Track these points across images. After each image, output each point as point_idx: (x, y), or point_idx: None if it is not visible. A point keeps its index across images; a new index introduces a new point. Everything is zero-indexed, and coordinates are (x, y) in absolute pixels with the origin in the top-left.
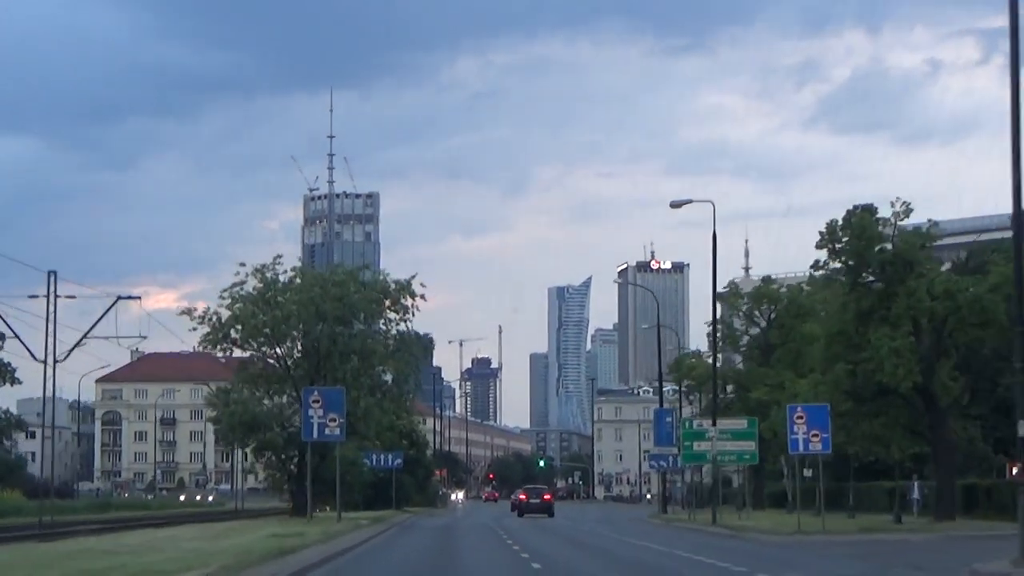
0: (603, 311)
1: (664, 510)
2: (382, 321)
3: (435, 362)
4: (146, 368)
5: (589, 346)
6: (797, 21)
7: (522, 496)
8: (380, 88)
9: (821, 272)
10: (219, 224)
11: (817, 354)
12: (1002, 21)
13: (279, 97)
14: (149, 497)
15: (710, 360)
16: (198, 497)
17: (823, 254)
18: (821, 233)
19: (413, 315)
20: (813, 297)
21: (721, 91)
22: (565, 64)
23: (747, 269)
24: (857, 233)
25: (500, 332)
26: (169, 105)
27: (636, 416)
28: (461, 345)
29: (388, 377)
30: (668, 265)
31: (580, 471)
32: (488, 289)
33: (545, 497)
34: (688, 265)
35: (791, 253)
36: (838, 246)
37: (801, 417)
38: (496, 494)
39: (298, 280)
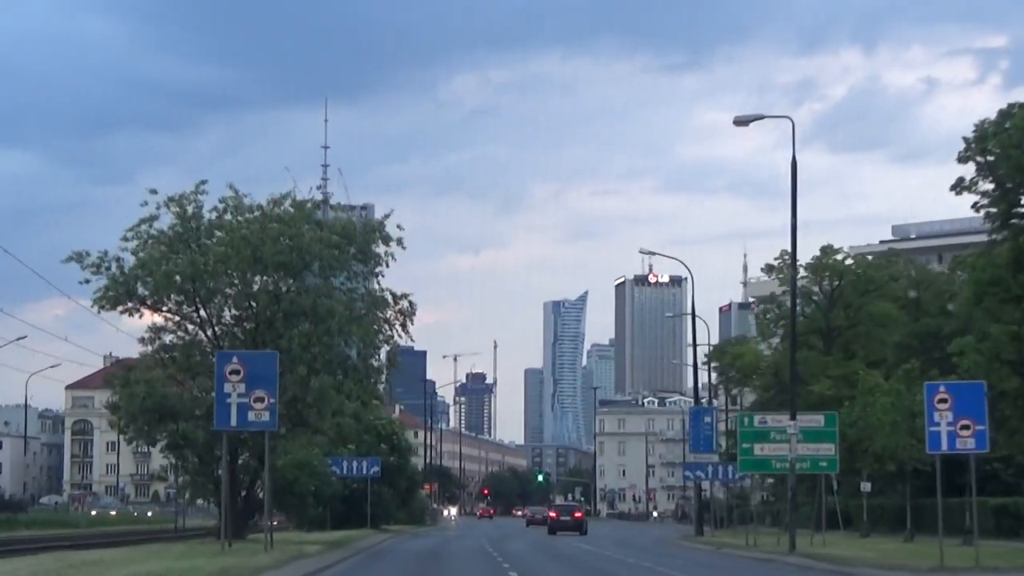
0: (599, 326)
1: (699, 531)
2: (345, 274)
3: (428, 376)
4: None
5: (585, 361)
6: (794, 39)
7: (552, 514)
8: (377, 104)
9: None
10: None
11: (963, 309)
12: (998, 41)
13: (276, 112)
14: (113, 513)
15: (760, 346)
16: (142, 512)
17: (968, 170)
18: (966, 140)
19: (387, 266)
20: (885, 271)
21: (717, 108)
22: (562, 81)
23: (745, 284)
24: (1015, 140)
25: (495, 347)
26: (165, 119)
27: (640, 428)
28: (456, 360)
29: (353, 352)
30: (666, 279)
31: (581, 487)
32: (483, 306)
33: (576, 515)
34: (686, 279)
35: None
36: (989, 159)
37: (945, 400)
38: (492, 510)
39: (228, 216)
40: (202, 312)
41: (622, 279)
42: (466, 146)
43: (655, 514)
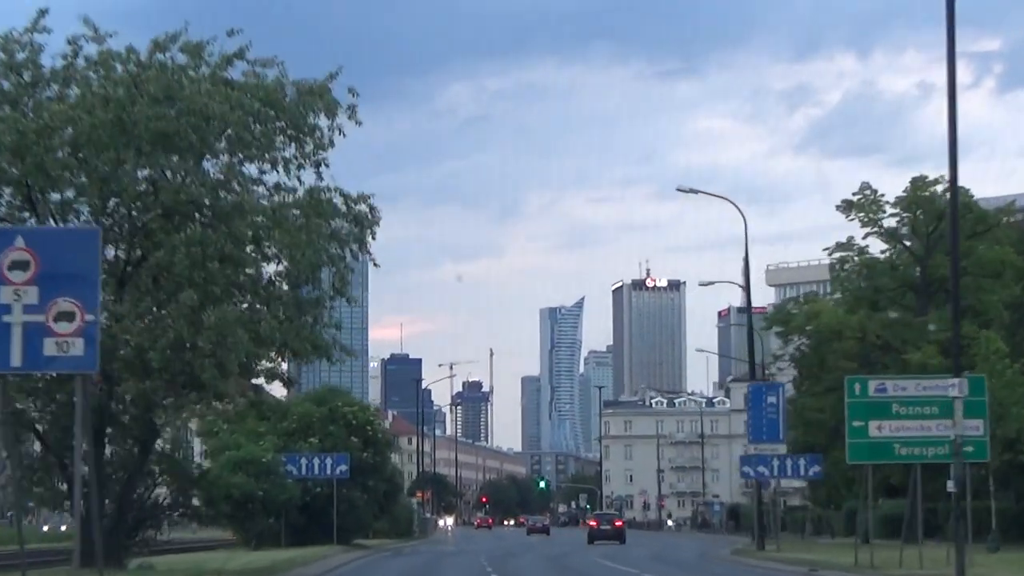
0: (597, 333)
1: (762, 544)
2: (267, 159)
3: (424, 384)
4: None
5: (582, 368)
6: (788, 45)
7: (592, 522)
8: (371, 113)
9: None
10: None
11: None
12: (992, 44)
13: None
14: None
15: (834, 302)
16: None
17: None
18: None
19: (333, 146)
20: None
21: (712, 115)
22: (556, 89)
23: (747, 287)
24: None
25: (491, 356)
26: None
27: (649, 430)
28: (452, 368)
29: (284, 285)
30: (664, 283)
31: (586, 493)
32: (479, 314)
33: (616, 523)
34: (684, 283)
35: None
36: None
37: None
38: (490, 520)
39: (82, 63)
40: (47, 216)
41: (619, 283)
42: (461, 155)
43: (670, 522)
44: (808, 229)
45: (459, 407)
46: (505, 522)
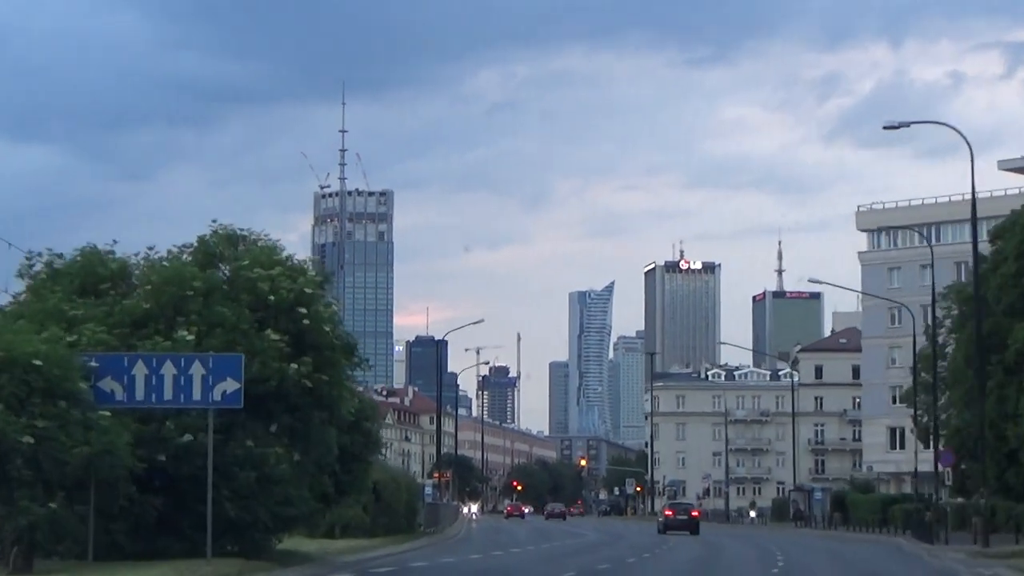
0: (626, 319)
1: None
2: None
3: (450, 368)
4: None
5: (612, 354)
6: (820, 34)
7: (668, 512)
8: (400, 99)
9: None
10: None
11: None
12: None
13: (297, 108)
14: None
15: None
16: None
17: None
18: None
19: None
20: None
21: (743, 103)
22: (586, 76)
23: (780, 272)
24: None
25: (519, 340)
26: (187, 115)
27: (706, 407)
28: (478, 353)
29: None
30: (698, 265)
31: (632, 479)
32: (507, 301)
33: (693, 514)
34: (719, 265)
35: (816, 265)
36: None
37: None
38: (523, 508)
39: None
40: None
41: (652, 265)
42: (490, 142)
43: (752, 514)
44: (838, 217)
45: (485, 392)
46: (510, 508)
